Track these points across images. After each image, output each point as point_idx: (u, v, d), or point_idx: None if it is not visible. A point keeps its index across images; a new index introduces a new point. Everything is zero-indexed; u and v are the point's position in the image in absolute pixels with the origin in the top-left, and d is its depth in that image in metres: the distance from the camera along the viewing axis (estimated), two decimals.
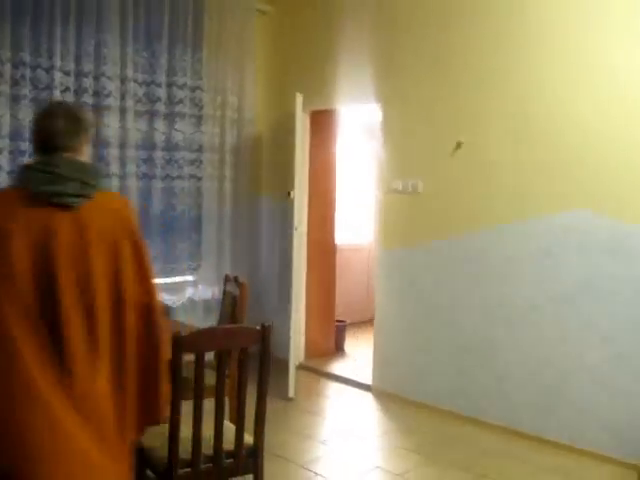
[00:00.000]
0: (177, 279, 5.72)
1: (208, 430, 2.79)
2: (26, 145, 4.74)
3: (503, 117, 4.54)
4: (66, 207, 2.18)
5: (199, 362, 2.75)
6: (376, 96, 5.38)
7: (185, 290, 5.74)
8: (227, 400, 3.23)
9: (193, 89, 5.67)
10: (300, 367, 6.03)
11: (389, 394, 5.26)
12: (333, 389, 5.59)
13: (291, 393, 5.24)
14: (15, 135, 4.72)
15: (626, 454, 3.99)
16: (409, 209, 5.16)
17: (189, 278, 5.83)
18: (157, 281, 5.24)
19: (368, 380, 5.50)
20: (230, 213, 6.00)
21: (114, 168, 5.17)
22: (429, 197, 5.02)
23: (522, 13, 4.42)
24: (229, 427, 3.03)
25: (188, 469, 2.78)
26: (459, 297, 4.83)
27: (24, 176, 2.25)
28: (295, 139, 5.27)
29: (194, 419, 2.76)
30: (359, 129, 6.32)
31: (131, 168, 5.28)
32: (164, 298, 5.56)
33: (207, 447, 2.83)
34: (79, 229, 2.20)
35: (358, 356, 6.05)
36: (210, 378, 2.87)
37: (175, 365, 2.69)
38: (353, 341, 6.81)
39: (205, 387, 2.82)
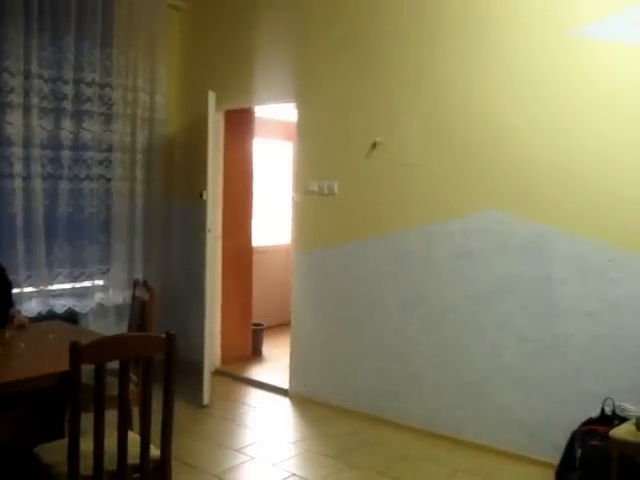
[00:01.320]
0: (86, 284, 5.49)
1: (114, 443, 2.65)
2: None
3: (418, 117, 4.54)
4: None
5: (99, 373, 2.61)
6: (292, 95, 5.31)
7: (94, 295, 5.52)
8: (137, 411, 3.08)
9: (102, 86, 5.46)
10: (216, 372, 5.91)
11: (307, 399, 5.20)
12: (250, 395, 5.48)
13: (206, 400, 5.10)
14: None
15: (543, 453, 4.04)
16: (325, 210, 5.11)
17: (99, 282, 5.61)
18: (64, 286, 5.04)
19: (285, 385, 5.42)
20: (141, 215, 5.82)
21: (17, 168, 4.92)
22: (345, 198, 4.98)
23: (435, 8, 4.43)
24: (136, 439, 2.88)
25: None
26: (376, 298, 4.81)
27: None
28: (208, 138, 5.14)
29: (95, 434, 2.61)
30: (276, 129, 6.24)
31: (36, 168, 5.03)
32: (72, 303, 5.35)
33: (112, 462, 2.69)
34: None
35: (276, 360, 5.96)
36: (116, 387, 2.73)
37: (73, 376, 2.54)
38: (272, 344, 6.72)
39: (110, 397, 2.68)
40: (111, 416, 2.64)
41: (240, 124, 6.13)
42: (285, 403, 5.25)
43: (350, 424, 4.75)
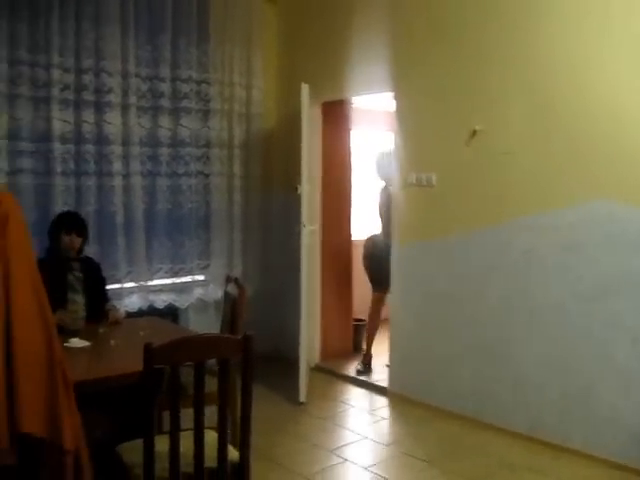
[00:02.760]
0: (186, 279, 5.55)
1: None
2: (24, 145, 4.63)
3: (520, 102, 4.25)
4: None
5: (174, 375, 2.56)
6: (390, 84, 5.13)
7: (194, 290, 5.57)
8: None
9: (199, 83, 5.48)
10: (316, 368, 5.84)
11: (405, 398, 5.02)
12: (348, 392, 5.36)
13: (302, 397, 5.03)
14: (13, 135, 4.59)
15: None
16: (424, 203, 4.90)
17: (199, 278, 5.66)
18: (164, 281, 5.10)
19: (385, 383, 5.27)
20: (240, 210, 5.82)
21: (117, 166, 5.02)
22: (444, 190, 4.75)
23: None
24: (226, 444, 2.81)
25: None
26: (477, 294, 4.57)
27: None
28: (302, 131, 5.06)
29: (171, 435, 2.58)
30: (375, 120, 6.09)
31: (135, 166, 5.12)
32: (172, 299, 5.42)
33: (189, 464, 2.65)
34: None
35: (376, 357, 5.80)
36: (211, 385, 2.70)
37: (146, 378, 2.50)
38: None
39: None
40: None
41: (338, 115, 6.01)
42: (383, 402, 5.10)
43: (448, 426, 4.54)
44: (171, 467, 2.58)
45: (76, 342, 3.45)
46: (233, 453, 2.81)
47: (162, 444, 2.59)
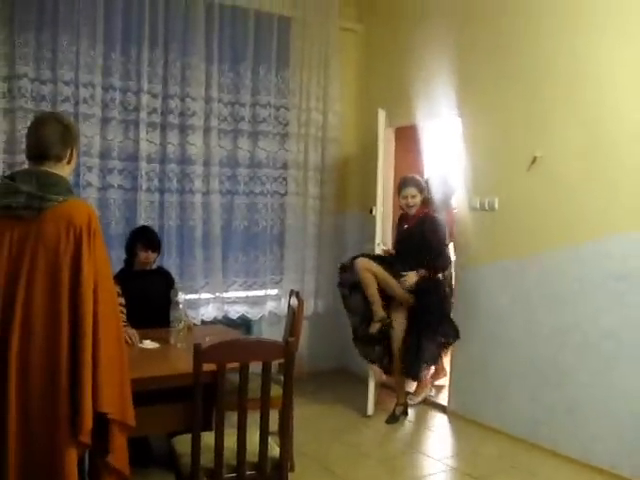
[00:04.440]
0: (259, 292, 5.86)
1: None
2: (114, 163, 5.07)
3: (577, 128, 4.33)
4: (19, 218, 2.40)
5: (220, 373, 2.83)
6: (456, 110, 5.29)
7: (266, 303, 5.87)
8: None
9: (277, 108, 5.81)
10: (383, 385, 5.99)
11: (463, 417, 5.12)
12: (411, 408, 5.50)
13: (370, 410, 5.23)
14: (104, 155, 5.04)
15: None
16: (485, 226, 5.02)
17: (272, 292, 5.95)
18: (238, 293, 5.42)
19: (445, 401, 5.39)
20: (313, 229, 6.08)
21: (198, 184, 5.40)
22: (505, 214, 4.86)
23: (601, 17, 4.21)
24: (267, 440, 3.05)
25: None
26: (532, 319, 4.64)
27: None
28: (379, 154, 5.31)
29: (215, 430, 2.84)
30: (442, 145, 6.24)
31: (215, 185, 5.49)
32: (245, 310, 5.73)
33: (233, 458, 2.90)
34: (25, 239, 2.41)
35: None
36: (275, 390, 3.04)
37: (196, 374, 2.79)
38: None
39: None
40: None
41: (411, 140, 6.19)
42: (442, 420, 5.22)
43: (500, 446, 4.61)
44: (216, 459, 2.84)
45: (148, 344, 3.84)
46: (275, 450, 3.05)
47: (212, 438, 2.87)
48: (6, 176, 2.60)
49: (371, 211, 5.51)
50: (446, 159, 6.06)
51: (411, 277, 4.90)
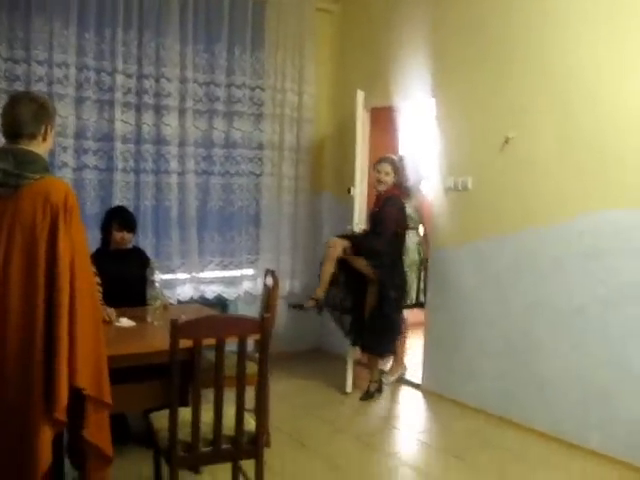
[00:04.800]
0: (235, 272, 5.89)
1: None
2: (89, 144, 5.06)
3: (548, 110, 4.41)
4: None
5: (197, 349, 2.87)
6: (431, 92, 5.34)
7: (242, 283, 5.90)
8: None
9: (252, 88, 5.81)
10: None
11: (437, 394, 5.22)
12: (386, 386, 5.58)
13: (348, 388, 5.32)
14: (79, 135, 5.03)
15: None
16: (460, 207, 5.10)
17: (248, 272, 5.99)
18: (215, 274, 5.47)
19: (418, 379, 5.48)
20: (289, 208, 6.11)
21: (173, 165, 5.40)
22: (478, 194, 4.94)
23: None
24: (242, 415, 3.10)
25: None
26: (504, 298, 4.74)
27: None
28: (357, 135, 5.36)
29: (192, 405, 2.90)
30: (417, 126, 6.29)
31: (190, 165, 5.49)
32: (221, 290, 5.77)
33: (210, 432, 2.96)
34: (1, 216, 2.46)
35: (411, 354, 6.01)
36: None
37: (172, 349, 2.83)
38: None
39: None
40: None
41: (385, 121, 6.24)
42: (416, 396, 5.31)
43: (473, 422, 4.72)
44: (193, 432, 2.90)
45: (124, 322, 3.85)
46: (251, 424, 3.10)
47: (188, 414, 2.92)
48: None
49: (349, 191, 5.55)
50: (420, 140, 6.11)
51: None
